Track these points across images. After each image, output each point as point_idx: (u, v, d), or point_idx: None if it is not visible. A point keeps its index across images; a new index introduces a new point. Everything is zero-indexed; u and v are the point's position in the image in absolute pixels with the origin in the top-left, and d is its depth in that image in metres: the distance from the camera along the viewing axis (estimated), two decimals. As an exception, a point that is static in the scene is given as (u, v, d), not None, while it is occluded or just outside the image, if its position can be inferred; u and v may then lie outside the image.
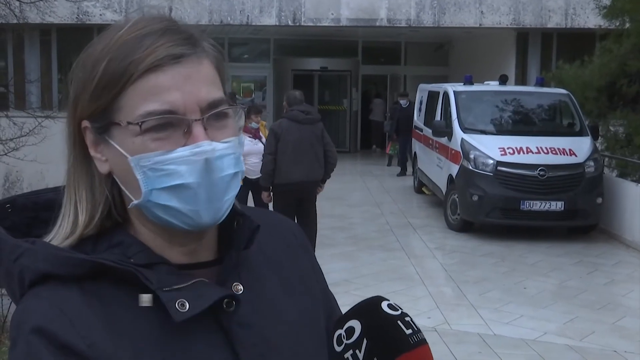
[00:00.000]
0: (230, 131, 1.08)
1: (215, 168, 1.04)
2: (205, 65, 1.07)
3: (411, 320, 1.09)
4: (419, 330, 1.09)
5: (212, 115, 1.05)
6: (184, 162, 1.02)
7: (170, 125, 1.03)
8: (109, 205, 1.10)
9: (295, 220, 7.97)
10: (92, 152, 1.09)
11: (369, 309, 1.11)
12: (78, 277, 1.03)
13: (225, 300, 1.08)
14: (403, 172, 17.50)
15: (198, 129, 1.03)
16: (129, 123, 1.03)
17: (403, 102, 17.68)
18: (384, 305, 1.10)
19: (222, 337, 1.07)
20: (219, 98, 1.07)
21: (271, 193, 8.16)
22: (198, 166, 1.03)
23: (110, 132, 1.06)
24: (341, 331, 1.10)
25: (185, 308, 1.03)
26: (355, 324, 1.09)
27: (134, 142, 1.03)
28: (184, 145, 1.03)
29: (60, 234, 1.08)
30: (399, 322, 1.08)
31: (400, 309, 1.10)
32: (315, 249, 8.49)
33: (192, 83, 1.04)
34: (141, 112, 1.02)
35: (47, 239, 1.08)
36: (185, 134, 1.03)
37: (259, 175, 8.14)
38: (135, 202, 1.06)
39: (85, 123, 1.08)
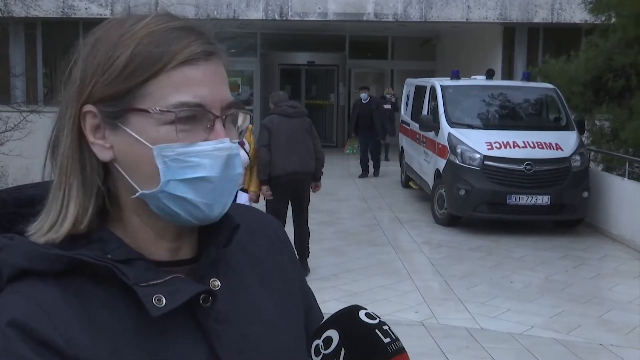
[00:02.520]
0: (235, 133, 1.12)
1: (232, 165, 1.08)
2: (222, 66, 1.10)
3: (389, 328, 1.09)
4: (397, 339, 1.08)
5: (228, 116, 1.09)
6: (207, 156, 1.04)
7: (195, 119, 1.05)
8: (102, 197, 1.09)
9: (290, 213, 8.15)
10: (90, 138, 1.07)
11: (346, 318, 1.09)
12: (56, 273, 1.02)
13: (202, 295, 1.08)
14: (364, 174, 16.60)
15: (220, 126, 1.06)
16: (161, 110, 1.03)
17: (363, 96, 16.49)
18: (362, 314, 1.09)
19: (199, 333, 1.08)
20: (234, 100, 1.10)
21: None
22: (220, 161, 1.05)
23: (126, 118, 1.05)
24: (319, 341, 1.09)
25: (162, 303, 1.03)
26: (333, 333, 1.08)
27: (159, 131, 1.03)
28: (205, 140, 1.05)
29: (45, 224, 1.07)
30: (376, 331, 1.07)
31: (378, 317, 1.10)
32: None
33: (217, 81, 1.08)
34: (174, 102, 1.03)
35: (35, 229, 1.07)
36: (207, 129, 1.05)
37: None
38: (144, 191, 1.05)
39: (89, 107, 1.06)
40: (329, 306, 1.18)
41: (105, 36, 1.07)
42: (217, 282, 1.12)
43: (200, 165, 1.04)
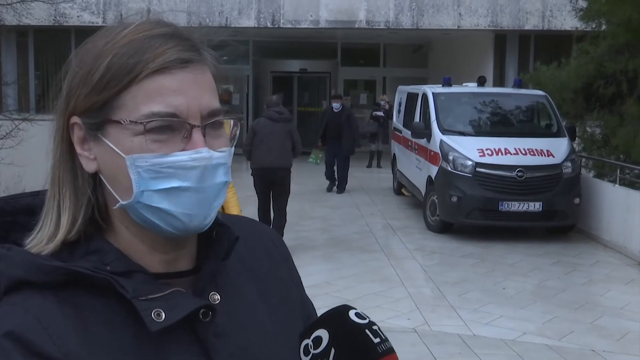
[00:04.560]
0: (224, 141, 1.08)
1: (211, 176, 1.05)
2: (207, 74, 1.07)
3: (379, 329, 1.08)
4: (386, 339, 1.07)
5: (210, 124, 1.06)
6: (181, 167, 1.02)
7: (171, 128, 1.03)
8: (92, 207, 1.08)
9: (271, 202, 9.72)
10: (78, 150, 1.07)
11: (336, 317, 1.09)
12: (54, 285, 1.01)
13: (202, 310, 1.07)
14: (331, 186, 15.56)
15: (198, 135, 1.03)
16: (131, 122, 1.02)
17: (335, 105, 15.24)
18: (352, 314, 1.08)
19: (198, 348, 1.07)
20: (218, 107, 1.07)
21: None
22: (195, 172, 1.03)
23: (105, 129, 1.04)
24: (308, 341, 1.08)
25: (161, 318, 1.02)
26: (323, 333, 1.07)
27: (132, 142, 1.02)
28: (182, 150, 1.03)
29: (43, 235, 1.06)
30: (366, 330, 1.06)
31: (368, 317, 1.09)
32: (295, 251, 8.56)
33: (196, 89, 1.04)
34: (145, 112, 1.01)
35: (29, 239, 1.06)
36: (185, 138, 1.03)
37: None
38: (123, 202, 1.05)
39: (75, 119, 1.06)
40: (321, 313, 1.17)
41: (92, 47, 1.06)
42: (217, 296, 1.12)
43: (174, 175, 1.02)
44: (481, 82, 12.89)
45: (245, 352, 1.11)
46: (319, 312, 1.31)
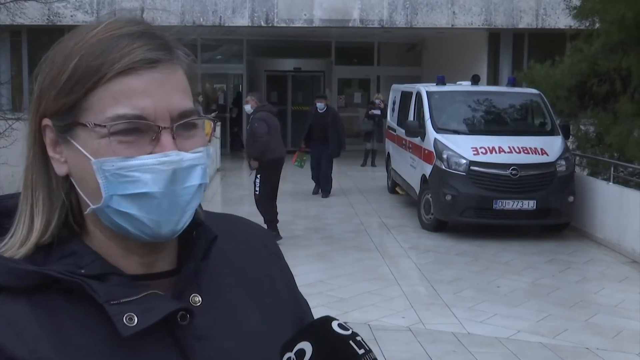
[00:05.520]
0: (198, 141, 1.05)
1: (181, 179, 1.01)
2: (178, 73, 1.04)
3: (362, 340, 1.06)
4: (370, 350, 1.06)
5: (181, 125, 1.02)
6: (149, 171, 0.99)
7: (139, 130, 1.00)
8: (66, 210, 1.06)
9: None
10: (50, 152, 1.05)
11: (319, 329, 1.07)
12: (27, 289, 1.00)
13: (180, 312, 1.04)
14: (317, 189, 14.99)
15: (167, 138, 1.00)
16: (96, 125, 0.99)
17: (319, 105, 14.60)
18: (335, 325, 1.06)
19: (176, 351, 1.04)
20: (190, 108, 1.04)
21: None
22: (164, 176, 0.99)
23: (73, 132, 1.02)
24: (291, 354, 1.05)
25: (134, 322, 0.99)
26: (306, 345, 1.05)
27: (99, 144, 0.99)
28: (150, 153, 1.00)
29: (16, 239, 1.04)
30: (350, 342, 1.04)
31: (351, 328, 1.07)
32: (289, 249, 8.56)
33: (165, 90, 1.01)
34: (110, 115, 0.99)
35: (1, 244, 1.04)
36: (153, 141, 1.00)
37: None
38: (93, 207, 1.02)
39: (47, 121, 1.04)
40: (316, 312, 1.16)
41: (63, 47, 1.04)
42: (198, 298, 1.09)
43: (140, 180, 0.99)
44: (475, 80, 12.90)
45: (227, 354, 1.08)
46: (314, 311, 1.30)
